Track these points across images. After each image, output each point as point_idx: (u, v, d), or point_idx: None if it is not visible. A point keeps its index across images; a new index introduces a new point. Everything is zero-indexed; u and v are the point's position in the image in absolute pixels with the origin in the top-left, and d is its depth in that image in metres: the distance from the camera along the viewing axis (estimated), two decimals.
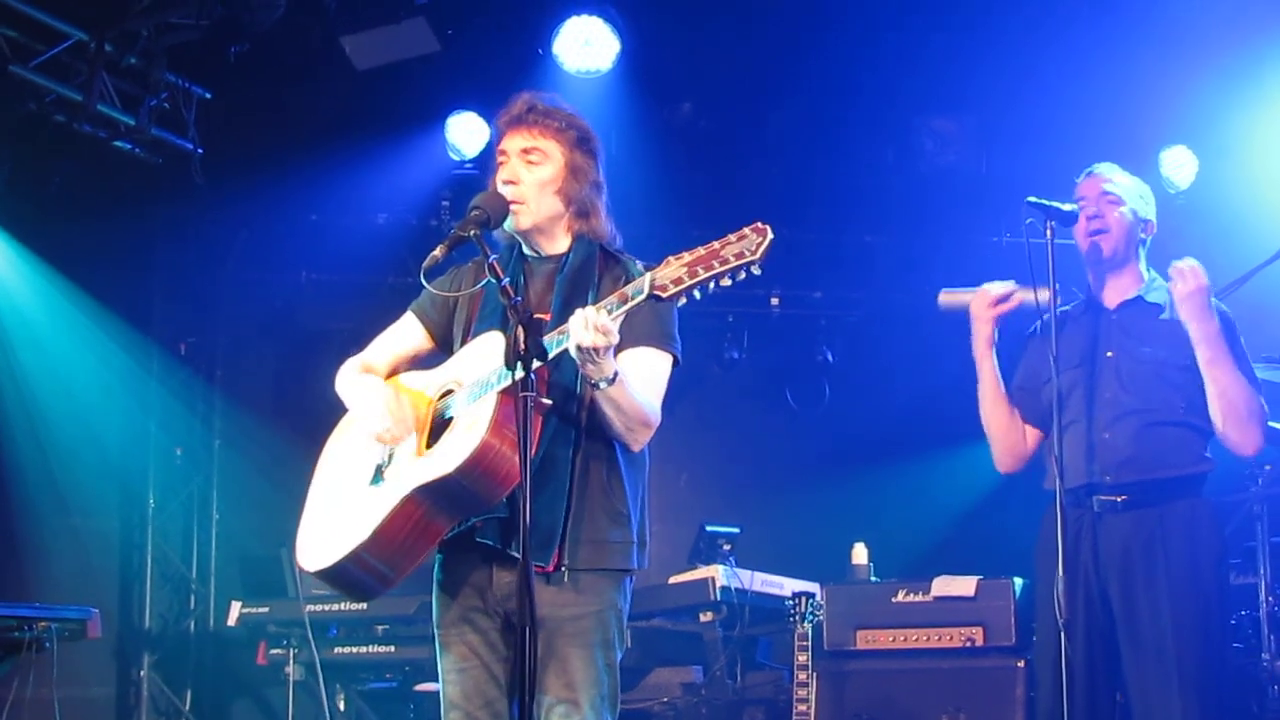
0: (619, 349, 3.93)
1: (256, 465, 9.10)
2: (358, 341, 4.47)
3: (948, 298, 5.49)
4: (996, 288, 5.34)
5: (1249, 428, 5.11)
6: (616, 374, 3.85)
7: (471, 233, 3.94)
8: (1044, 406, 5.33)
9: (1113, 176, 5.37)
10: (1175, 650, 5.01)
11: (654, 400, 4.05)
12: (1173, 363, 5.19)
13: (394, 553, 4.00)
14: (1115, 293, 5.36)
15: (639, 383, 3.98)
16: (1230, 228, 7.98)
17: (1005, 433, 5.43)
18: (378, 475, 4.10)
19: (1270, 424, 5.25)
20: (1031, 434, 5.45)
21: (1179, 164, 8.53)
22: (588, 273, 4.13)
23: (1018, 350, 5.57)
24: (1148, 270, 5.39)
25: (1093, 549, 5.13)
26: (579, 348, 3.74)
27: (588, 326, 3.72)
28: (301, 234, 9.24)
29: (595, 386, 3.86)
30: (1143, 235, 5.37)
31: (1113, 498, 5.14)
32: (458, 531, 4.03)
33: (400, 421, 4.09)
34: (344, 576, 4.09)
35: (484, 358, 4.00)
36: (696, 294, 3.70)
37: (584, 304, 4.00)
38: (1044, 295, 5.10)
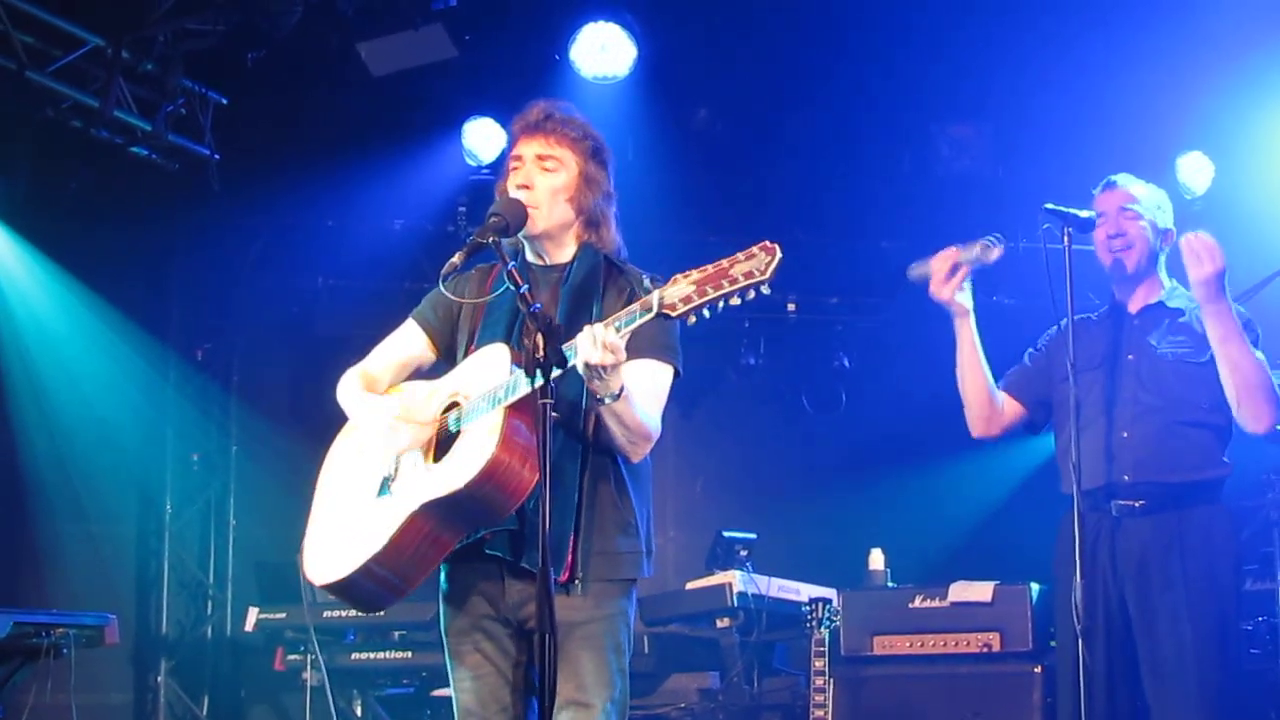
0: None
1: (273, 471, 9.09)
2: (374, 347, 4.46)
3: (916, 270, 5.48)
4: (935, 263, 5.40)
5: (1261, 402, 5.07)
6: (622, 389, 3.85)
7: (490, 240, 3.92)
8: (1044, 392, 5.43)
9: (1131, 188, 5.37)
10: (1194, 657, 5.00)
11: (655, 413, 4.06)
12: (1193, 360, 5.19)
13: (404, 565, 3.99)
14: (1136, 300, 5.38)
15: (641, 395, 3.98)
16: (1247, 233, 7.93)
17: (978, 397, 5.45)
18: (384, 487, 4.08)
19: None
20: (1010, 405, 5.49)
21: (1195, 170, 8.52)
22: (593, 283, 4.13)
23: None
24: (1168, 278, 5.40)
25: (1110, 554, 5.14)
26: (587, 365, 3.73)
27: (596, 344, 3.71)
28: (318, 239, 9.25)
29: (600, 402, 3.86)
30: (1163, 246, 5.38)
31: (1131, 502, 5.15)
32: (466, 543, 4.02)
33: (418, 425, 4.07)
34: (354, 589, 4.08)
35: (487, 370, 3.99)
36: (705, 313, 3.68)
37: (589, 314, 4.03)
38: (981, 250, 5.27)
